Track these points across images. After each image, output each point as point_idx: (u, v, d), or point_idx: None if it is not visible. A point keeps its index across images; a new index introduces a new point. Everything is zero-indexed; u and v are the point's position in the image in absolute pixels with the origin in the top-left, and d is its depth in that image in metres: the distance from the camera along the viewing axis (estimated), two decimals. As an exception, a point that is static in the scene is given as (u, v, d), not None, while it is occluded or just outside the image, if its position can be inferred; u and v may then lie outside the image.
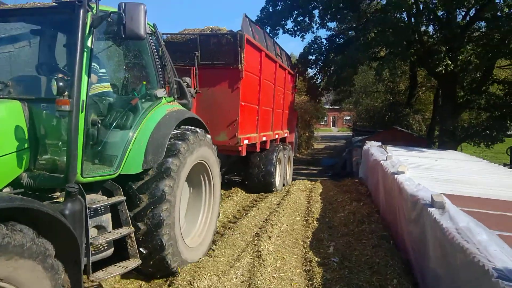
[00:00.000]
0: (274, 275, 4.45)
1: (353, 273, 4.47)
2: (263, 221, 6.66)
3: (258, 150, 8.64)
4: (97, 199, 3.69)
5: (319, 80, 21.70)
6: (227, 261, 4.80)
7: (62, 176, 3.25)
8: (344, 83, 19.69)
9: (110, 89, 4.28)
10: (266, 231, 5.89)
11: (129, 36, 3.43)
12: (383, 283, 4.14)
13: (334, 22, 18.85)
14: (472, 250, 2.77)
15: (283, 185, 10.35)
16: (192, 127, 4.75)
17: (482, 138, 15.05)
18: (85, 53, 3.37)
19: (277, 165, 9.48)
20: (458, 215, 3.44)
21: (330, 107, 38.57)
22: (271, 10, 19.29)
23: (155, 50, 4.54)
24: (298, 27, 19.28)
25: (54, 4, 3.63)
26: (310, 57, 19.87)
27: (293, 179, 12.23)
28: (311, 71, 21.99)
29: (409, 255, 4.73)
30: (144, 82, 4.45)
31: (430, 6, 14.61)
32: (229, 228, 6.35)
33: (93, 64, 3.84)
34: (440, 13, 14.84)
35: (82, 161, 3.35)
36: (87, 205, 3.26)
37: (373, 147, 10.40)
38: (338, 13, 16.57)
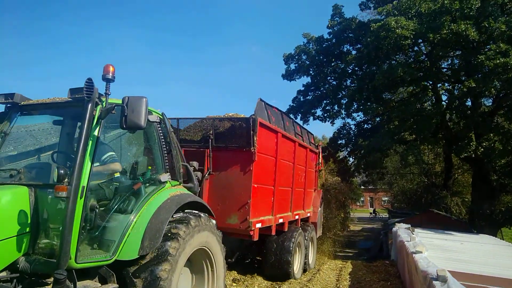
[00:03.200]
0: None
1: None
2: (295, 294, 7.05)
3: (273, 233, 8.04)
4: (90, 286, 3.63)
5: (349, 162, 21.89)
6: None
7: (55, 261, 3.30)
8: (373, 166, 19.72)
9: (119, 175, 4.45)
10: (298, 302, 6.54)
11: (129, 127, 3.67)
12: None
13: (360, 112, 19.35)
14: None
15: (304, 270, 9.54)
16: (195, 211, 4.72)
17: (520, 223, 14.02)
18: (90, 142, 3.62)
19: (296, 251, 8.82)
20: (455, 286, 4.17)
21: (366, 187, 37.77)
22: (302, 99, 20.61)
23: (162, 137, 4.71)
24: (327, 114, 20.13)
25: (69, 99, 4.03)
26: (340, 141, 20.44)
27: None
28: (341, 154, 22.34)
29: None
30: (150, 167, 4.60)
31: (455, 93, 14.79)
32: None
33: (112, 153, 4.11)
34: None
35: (76, 246, 3.41)
36: (77, 293, 3.25)
37: (401, 229, 11.18)
38: (362, 105, 17.17)
